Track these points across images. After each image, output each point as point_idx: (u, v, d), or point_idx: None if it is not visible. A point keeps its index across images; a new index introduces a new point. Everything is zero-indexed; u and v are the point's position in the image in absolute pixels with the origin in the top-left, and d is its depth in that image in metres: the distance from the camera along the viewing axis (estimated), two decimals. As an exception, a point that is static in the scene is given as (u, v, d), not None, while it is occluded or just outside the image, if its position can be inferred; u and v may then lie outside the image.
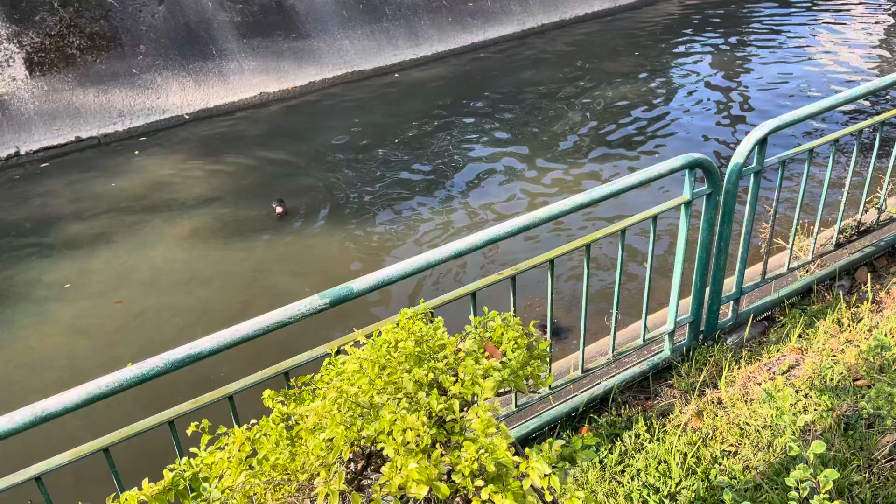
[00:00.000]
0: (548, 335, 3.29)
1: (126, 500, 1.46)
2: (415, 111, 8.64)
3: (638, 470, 2.83)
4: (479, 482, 1.26)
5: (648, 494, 2.69)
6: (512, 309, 2.68)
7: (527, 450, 1.31)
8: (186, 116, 8.65)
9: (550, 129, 7.98)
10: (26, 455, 2.20)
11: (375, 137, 8.01)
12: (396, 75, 9.82)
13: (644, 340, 3.31)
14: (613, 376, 3.33)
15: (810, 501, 1.55)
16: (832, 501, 1.47)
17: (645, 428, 3.04)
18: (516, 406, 3.04)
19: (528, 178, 6.94)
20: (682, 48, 10.46)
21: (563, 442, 1.38)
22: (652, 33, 11.13)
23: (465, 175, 7.07)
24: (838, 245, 3.94)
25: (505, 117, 8.36)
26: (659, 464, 2.83)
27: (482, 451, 1.27)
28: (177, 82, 8.83)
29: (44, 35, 8.40)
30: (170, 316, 5.25)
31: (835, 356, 3.27)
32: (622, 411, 3.19)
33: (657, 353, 3.45)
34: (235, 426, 1.58)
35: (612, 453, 2.93)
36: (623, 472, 2.84)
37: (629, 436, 3.00)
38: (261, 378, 2.34)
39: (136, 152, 7.93)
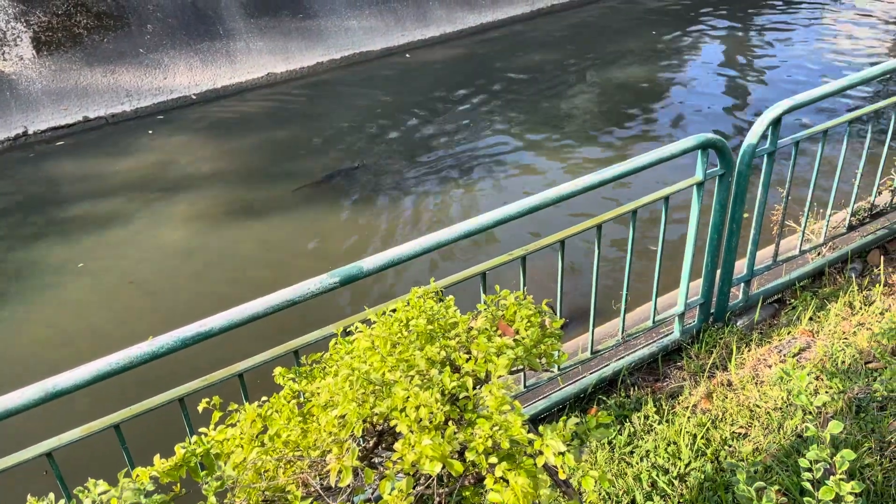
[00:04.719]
0: (558, 315, 3.27)
1: (138, 475, 1.46)
2: (422, 93, 8.59)
3: (647, 451, 2.82)
4: (493, 459, 1.26)
5: (657, 475, 2.69)
6: (522, 289, 2.66)
7: (541, 427, 1.30)
8: (194, 97, 8.62)
9: (560, 111, 7.92)
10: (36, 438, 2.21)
11: (383, 118, 7.97)
12: (407, 55, 9.76)
13: (654, 322, 3.29)
14: (622, 358, 3.32)
15: (825, 482, 1.54)
16: (848, 482, 1.46)
17: (654, 409, 3.03)
18: (525, 387, 3.03)
19: (538, 160, 6.90)
20: (696, 27, 10.34)
21: (577, 420, 1.38)
22: (666, 12, 11.01)
23: (474, 156, 7.03)
24: (851, 228, 3.90)
25: (514, 99, 8.30)
26: (668, 445, 2.82)
27: (496, 428, 1.26)
28: (184, 62, 8.80)
29: (51, 14, 8.37)
30: (181, 295, 5.26)
31: (846, 339, 3.24)
32: (631, 393, 3.18)
33: (667, 335, 3.43)
34: (246, 403, 1.58)
35: (620, 434, 2.93)
36: (632, 453, 2.84)
37: (638, 417, 3.00)
38: (271, 356, 2.34)
39: (150, 132, 7.92)
